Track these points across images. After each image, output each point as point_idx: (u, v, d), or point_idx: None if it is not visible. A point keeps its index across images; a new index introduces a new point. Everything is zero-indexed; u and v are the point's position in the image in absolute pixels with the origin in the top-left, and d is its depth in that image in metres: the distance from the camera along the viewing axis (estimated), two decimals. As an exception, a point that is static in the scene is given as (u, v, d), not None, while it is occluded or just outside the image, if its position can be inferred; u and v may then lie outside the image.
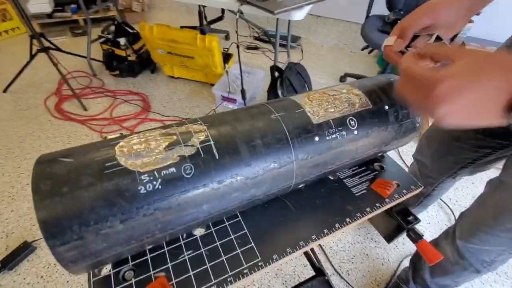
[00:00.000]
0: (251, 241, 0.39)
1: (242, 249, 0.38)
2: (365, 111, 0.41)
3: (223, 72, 1.85)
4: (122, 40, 1.88)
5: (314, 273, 0.50)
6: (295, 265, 1.06)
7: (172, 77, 2.05)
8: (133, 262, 0.35)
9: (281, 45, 2.40)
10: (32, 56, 1.74)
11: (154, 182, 0.28)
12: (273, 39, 1.49)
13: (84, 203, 0.26)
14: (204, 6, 1.99)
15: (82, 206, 0.26)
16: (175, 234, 0.33)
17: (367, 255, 1.12)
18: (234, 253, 0.37)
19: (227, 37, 2.63)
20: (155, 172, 0.29)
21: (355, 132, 0.40)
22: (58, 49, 1.85)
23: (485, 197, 0.60)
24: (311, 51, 2.49)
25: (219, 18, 2.16)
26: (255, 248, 0.38)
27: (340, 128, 0.39)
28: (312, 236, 0.40)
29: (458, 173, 0.73)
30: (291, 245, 0.39)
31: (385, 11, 1.73)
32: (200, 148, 0.31)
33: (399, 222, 0.47)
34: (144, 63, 2.08)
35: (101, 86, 1.95)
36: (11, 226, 1.12)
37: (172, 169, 0.29)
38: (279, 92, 1.47)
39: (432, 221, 1.27)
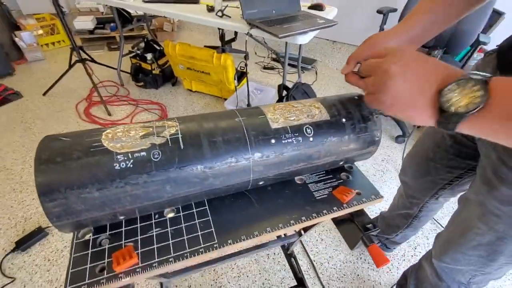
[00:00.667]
0: (212, 226, 0.45)
1: (202, 232, 0.44)
2: (322, 122, 0.47)
3: (235, 88, 1.97)
4: (149, 56, 2.08)
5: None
6: (283, 277, 1.08)
7: (190, 90, 2.21)
8: (110, 232, 0.43)
9: (294, 66, 2.50)
10: (70, 66, 1.97)
11: (127, 162, 0.36)
12: (283, 60, 1.59)
13: (71, 171, 0.34)
14: (220, 29, 2.16)
15: (70, 173, 0.34)
16: (144, 209, 0.40)
17: (358, 275, 1.11)
18: (195, 234, 0.43)
19: (246, 57, 2.80)
20: (129, 154, 0.36)
21: (311, 139, 0.45)
22: (93, 61, 2.08)
23: (455, 215, 0.62)
24: (325, 73, 2.57)
25: (232, 40, 2.32)
26: (214, 233, 0.44)
27: (297, 134, 0.45)
28: (267, 228, 0.45)
29: (440, 194, 0.74)
30: (246, 234, 0.44)
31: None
32: (169, 139, 0.39)
33: (357, 227, 0.51)
34: (167, 77, 2.26)
35: (126, 95, 2.13)
36: (31, 212, 1.25)
37: (143, 153, 0.37)
38: (286, 110, 1.54)
39: (422, 242, 1.24)
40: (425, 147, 0.72)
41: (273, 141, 0.43)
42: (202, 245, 0.42)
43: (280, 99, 1.56)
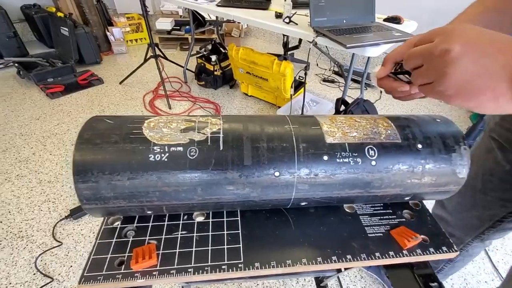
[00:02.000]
0: (240, 241, 0.40)
1: (229, 246, 0.39)
2: (391, 144, 0.38)
3: (291, 97, 1.92)
4: (213, 57, 2.17)
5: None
6: (311, 309, 0.97)
7: (246, 94, 2.23)
8: (137, 224, 0.41)
9: (358, 81, 2.34)
10: (145, 60, 2.17)
11: (162, 155, 0.33)
12: (346, 73, 1.48)
13: (106, 154, 0.32)
14: (284, 35, 2.14)
15: (104, 156, 0.32)
16: (172, 208, 0.37)
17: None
18: (221, 247, 0.39)
19: (306, 68, 2.73)
20: (166, 147, 0.34)
21: (373, 162, 0.37)
22: (165, 58, 2.26)
23: None
24: (392, 93, 2.35)
25: (296, 47, 2.27)
26: (241, 250, 0.39)
27: (356, 154, 0.37)
28: (303, 260, 0.38)
29: (486, 234, 0.57)
30: (277, 260, 0.38)
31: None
32: (209, 137, 0.35)
33: (417, 281, 0.40)
34: (226, 79, 2.33)
35: (187, 92, 2.26)
36: (88, 186, 1.38)
37: (180, 148, 0.34)
38: (342, 126, 1.43)
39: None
40: (472, 175, 0.55)
41: (325, 157, 0.36)
42: (226, 262, 0.37)
43: (337, 113, 1.46)
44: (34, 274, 1.01)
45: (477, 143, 0.60)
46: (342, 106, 1.47)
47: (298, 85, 2.04)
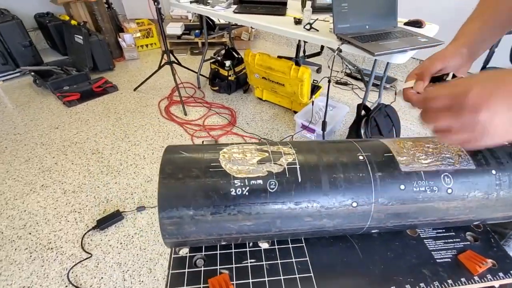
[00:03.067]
0: (311, 270, 0.39)
1: (301, 275, 0.39)
2: (465, 170, 0.38)
3: (308, 102, 1.91)
4: (227, 62, 2.17)
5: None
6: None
7: (261, 99, 2.23)
8: (205, 253, 0.41)
9: (373, 84, 2.32)
10: (160, 66, 2.18)
11: (243, 188, 0.33)
12: (367, 78, 1.47)
13: (190, 190, 0.32)
14: (305, 41, 2.13)
15: (188, 192, 0.32)
16: (246, 239, 0.37)
17: None
18: (292, 276, 0.38)
19: (318, 70, 2.72)
20: (246, 180, 0.33)
21: (449, 190, 0.37)
22: (179, 64, 2.26)
23: None
24: (407, 95, 2.33)
25: (317, 54, 2.26)
26: (314, 279, 0.38)
27: (432, 183, 0.37)
28: (376, 288, 0.38)
29: None
30: (351, 289, 0.37)
31: (506, 63, 1.50)
32: (286, 169, 0.35)
33: (490, 310, 0.40)
34: (240, 84, 2.33)
35: (201, 98, 2.26)
36: (112, 195, 1.39)
37: (260, 181, 0.34)
38: (362, 131, 1.42)
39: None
40: None
41: (402, 187, 0.36)
42: (301, 292, 0.37)
43: (359, 120, 1.45)
44: (66, 286, 1.02)
45: None
46: (363, 111, 1.47)
47: (313, 89, 2.04)
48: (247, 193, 0.33)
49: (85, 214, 1.28)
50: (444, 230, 0.46)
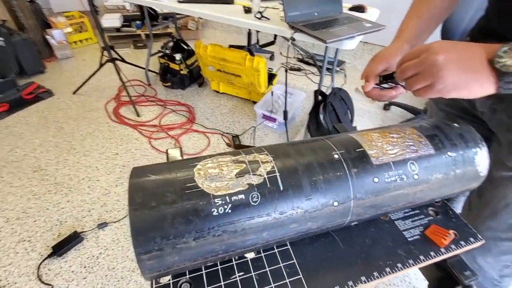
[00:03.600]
0: (299, 272, 0.39)
1: (291, 279, 0.39)
2: (427, 155, 0.40)
3: (266, 91, 1.92)
4: (177, 56, 2.05)
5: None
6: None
7: (217, 92, 2.17)
8: (190, 275, 0.38)
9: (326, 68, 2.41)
10: (101, 65, 1.97)
11: (225, 206, 0.31)
12: (320, 64, 1.52)
13: (167, 218, 0.29)
14: (257, 31, 2.10)
15: (165, 220, 0.29)
16: (233, 255, 0.36)
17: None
18: (282, 282, 0.38)
19: (271, 58, 2.73)
20: (227, 197, 0.32)
21: (415, 176, 0.39)
22: (123, 60, 2.07)
23: (474, 201, 0.62)
24: (355, 77, 2.47)
25: (271, 43, 2.25)
26: (303, 280, 0.39)
27: (401, 171, 0.39)
28: (362, 278, 0.39)
29: None
30: (340, 284, 0.38)
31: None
32: (266, 178, 0.34)
33: (456, 276, 0.45)
34: (194, 77, 2.23)
35: (154, 95, 2.12)
36: (65, 215, 1.25)
37: (241, 196, 0.32)
38: (321, 117, 1.47)
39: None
40: None
41: (376, 179, 0.37)
42: (293, 296, 0.37)
43: (317, 106, 1.49)
44: (25, 326, 0.90)
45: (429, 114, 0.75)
46: (320, 97, 1.52)
47: (269, 77, 2.04)
48: (230, 211, 0.31)
49: (37, 242, 1.13)
50: (410, 210, 0.50)
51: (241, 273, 0.39)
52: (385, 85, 0.52)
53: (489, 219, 0.56)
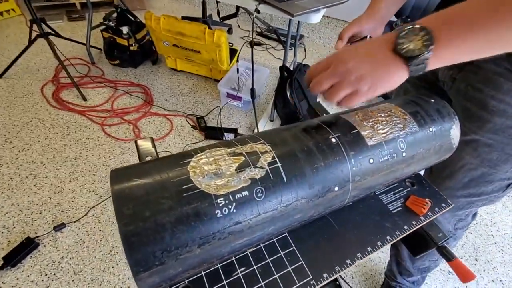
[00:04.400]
0: (300, 258, 0.39)
1: (293, 266, 0.38)
2: (413, 132, 0.42)
3: (228, 68, 1.83)
4: (124, 29, 1.82)
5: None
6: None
7: (175, 70, 2.01)
8: (188, 279, 0.35)
9: (284, 42, 2.38)
10: (31, 42, 1.66)
11: (229, 206, 0.28)
12: (284, 38, 1.48)
13: (166, 227, 0.25)
14: (218, 2, 1.95)
15: (165, 231, 0.25)
16: (237, 254, 0.34)
17: (370, 258, 1.15)
18: (285, 271, 0.38)
19: (229, 31, 2.59)
20: (230, 196, 0.28)
21: (404, 154, 0.40)
22: (58, 35, 1.78)
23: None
24: (314, 50, 2.49)
25: (234, 15, 2.12)
26: (305, 266, 0.38)
27: (392, 150, 0.39)
28: (358, 254, 0.41)
29: None
30: (339, 263, 0.39)
31: (392, 17, 1.75)
32: (269, 171, 0.31)
33: (432, 239, 0.49)
34: (146, 54, 2.02)
35: (100, 76, 1.89)
36: (12, 220, 1.09)
37: (245, 192, 0.29)
38: (288, 94, 1.47)
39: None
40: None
41: (371, 160, 0.38)
42: (298, 283, 0.37)
43: (283, 82, 1.48)
44: None
45: None
46: (285, 73, 1.50)
47: (230, 53, 1.95)
48: (234, 210, 0.28)
49: (-21, 254, 0.98)
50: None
51: (242, 269, 0.37)
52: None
53: (447, 180, 0.62)
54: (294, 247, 0.40)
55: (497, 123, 0.49)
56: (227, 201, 0.28)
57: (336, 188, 0.35)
